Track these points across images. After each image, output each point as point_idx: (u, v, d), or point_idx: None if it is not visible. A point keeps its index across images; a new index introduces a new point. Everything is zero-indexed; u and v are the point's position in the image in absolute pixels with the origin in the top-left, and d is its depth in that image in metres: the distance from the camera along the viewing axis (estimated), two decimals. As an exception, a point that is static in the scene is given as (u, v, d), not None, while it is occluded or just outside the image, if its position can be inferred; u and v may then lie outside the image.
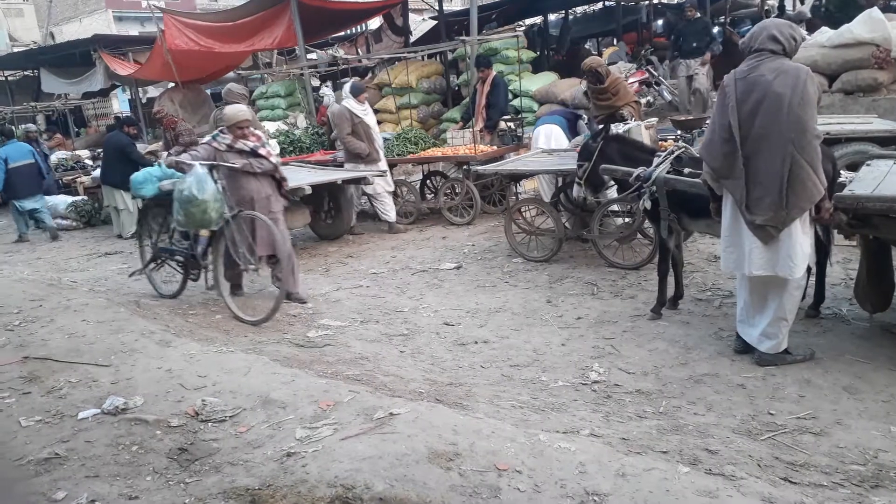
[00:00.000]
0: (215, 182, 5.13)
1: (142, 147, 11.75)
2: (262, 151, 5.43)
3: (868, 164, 4.26)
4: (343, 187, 7.94)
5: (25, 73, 19.41)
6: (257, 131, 5.85)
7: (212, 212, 5.04)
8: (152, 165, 9.53)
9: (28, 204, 9.94)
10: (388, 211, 8.18)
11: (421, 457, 2.63)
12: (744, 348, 3.90)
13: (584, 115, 8.68)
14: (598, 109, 7.49)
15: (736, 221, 3.71)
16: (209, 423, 3.10)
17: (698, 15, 11.02)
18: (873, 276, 4.02)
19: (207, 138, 5.49)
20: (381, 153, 8.14)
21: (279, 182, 5.63)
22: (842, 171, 4.39)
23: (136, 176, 6.09)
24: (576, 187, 5.69)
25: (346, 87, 8.25)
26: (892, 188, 3.62)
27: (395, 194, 8.86)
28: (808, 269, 3.85)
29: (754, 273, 3.65)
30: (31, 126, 12.28)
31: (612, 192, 5.79)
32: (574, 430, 3.08)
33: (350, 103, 7.87)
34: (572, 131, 7.59)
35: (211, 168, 5.16)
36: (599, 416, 3.34)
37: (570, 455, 2.64)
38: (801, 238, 3.54)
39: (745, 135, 3.56)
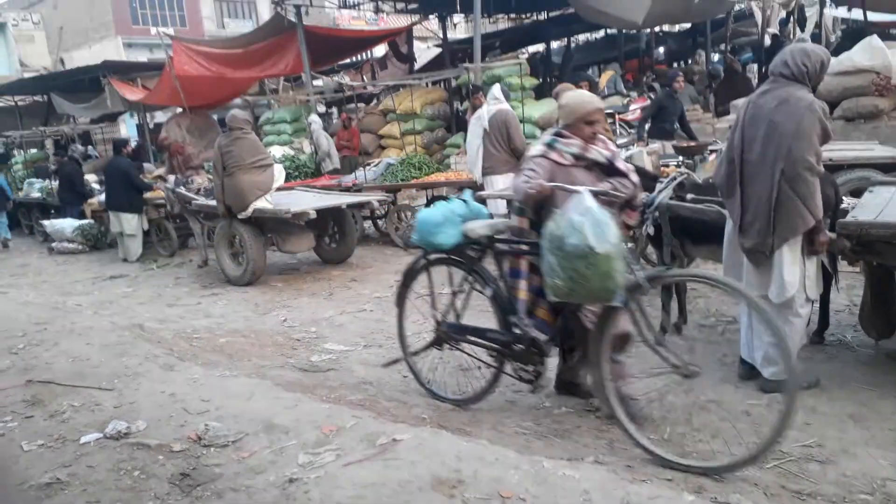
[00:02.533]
0: None
1: (149, 167, 11.96)
2: (619, 164, 3.54)
3: (871, 191, 4.27)
4: (347, 211, 7.98)
5: (35, 98, 19.64)
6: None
7: (617, 274, 2.96)
8: (151, 189, 9.77)
9: None
10: None
11: (424, 484, 2.61)
12: (749, 374, 3.88)
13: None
14: None
15: (736, 239, 3.77)
16: (212, 448, 3.09)
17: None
18: (878, 302, 4.01)
19: (540, 148, 3.53)
20: None
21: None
22: (844, 198, 4.41)
23: (431, 215, 3.73)
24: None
25: (497, 90, 7.51)
26: (895, 215, 3.63)
27: (398, 218, 8.92)
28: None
29: (748, 292, 3.71)
30: (80, 147, 13.13)
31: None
32: (578, 457, 3.06)
33: (507, 106, 7.32)
34: None
35: (596, 197, 3.11)
36: (604, 443, 3.32)
37: (575, 482, 2.62)
38: (786, 266, 3.55)
39: (746, 158, 3.61)
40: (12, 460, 3.10)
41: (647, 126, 8.82)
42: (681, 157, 6.93)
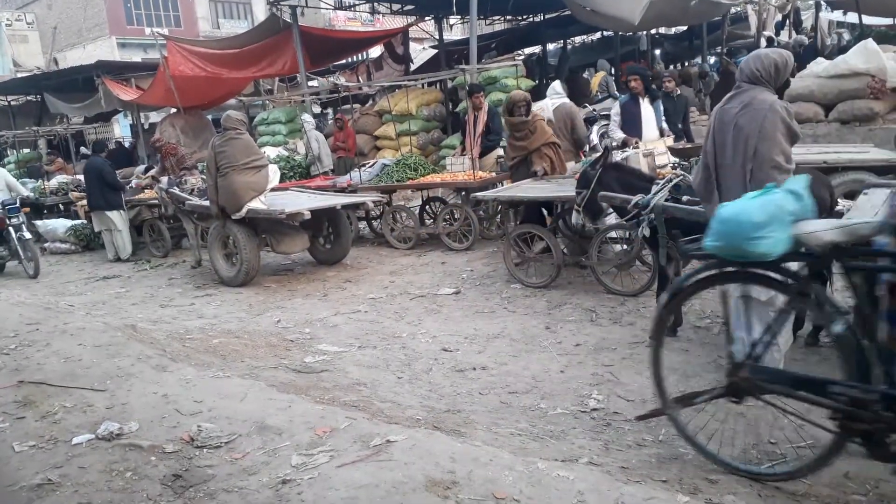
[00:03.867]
0: None
1: (139, 170, 11.85)
2: None
3: (865, 193, 4.28)
4: (342, 212, 7.96)
5: (28, 97, 19.58)
6: None
7: None
8: (125, 190, 9.75)
9: None
10: None
11: (418, 485, 2.60)
12: None
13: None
14: (512, 150, 7.15)
15: None
16: (204, 450, 3.07)
17: (679, 91, 8.75)
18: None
19: None
20: None
21: None
22: (839, 200, 4.42)
23: (749, 212, 2.72)
24: (574, 214, 5.71)
25: (558, 85, 8.42)
26: (889, 217, 3.63)
27: (393, 219, 8.92)
28: None
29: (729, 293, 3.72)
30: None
31: (612, 219, 5.80)
32: (573, 458, 3.05)
33: (569, 100, 8.00)
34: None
35: None
36: (598, 445, 3.31)
37: (569, 484, 2.61)
38: None
39: (719, 163, 3.72)
40: (3, 461, 3.07)
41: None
42: (676, 159, 6.94)
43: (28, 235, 8.94)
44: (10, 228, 8.82)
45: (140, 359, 4.34)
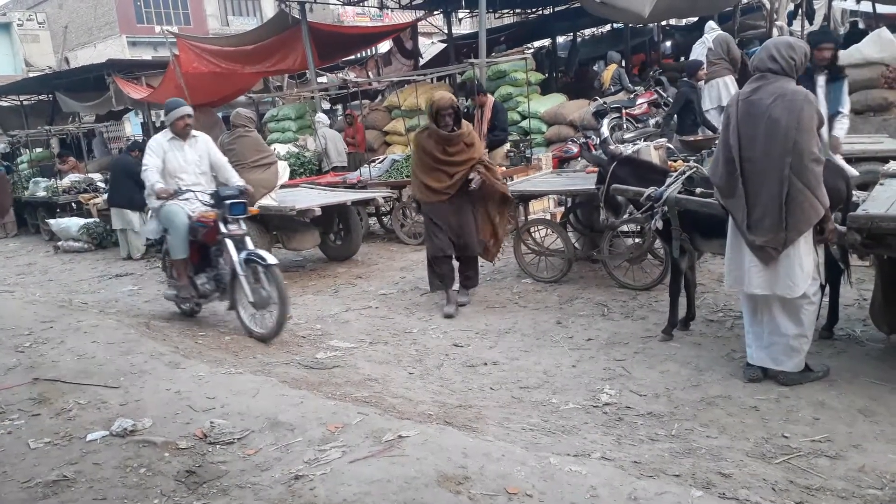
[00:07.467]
0: None
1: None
2: None
3: (881, 184, 4.23)
4: (352, 208, 7.96)
5: (40, 97, 19.71)
6: None
7: None
8: None
9: None
10: None
11: (430, 480, 2.60)
12: (759, 377, 3.81)
13: (593, 136, 8.69)
14: (439, 179, 5.79)
15: (737, 239, 3.74)
16: (217, 446, 3.08)
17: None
18: (888, 296, 3.97)
19: None
20: None
21: None
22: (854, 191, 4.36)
23: None
24: (601, 211, 5.65)
25: (713, 23, 9.98)
26: (906, 207, 3.59)
27: (403, 215, 8.90)
28: (822, 287, 3.81)
29: (753, 291, 3.68)
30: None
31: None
32: (585, 453, 3.04)
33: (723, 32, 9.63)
34: None
35: None
36: (611, 439, 3.30)
37: (582, 478, 2.61)
38: (802, 258, 3.55)
39: (746, 156, 3.60)
40: (19, 458, 3.10)
41: (672, 121, 8.43)
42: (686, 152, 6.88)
43: (268, 258, 5.08)
44: (228, 242, 5.17)
45: (153, 356, 4.37)
